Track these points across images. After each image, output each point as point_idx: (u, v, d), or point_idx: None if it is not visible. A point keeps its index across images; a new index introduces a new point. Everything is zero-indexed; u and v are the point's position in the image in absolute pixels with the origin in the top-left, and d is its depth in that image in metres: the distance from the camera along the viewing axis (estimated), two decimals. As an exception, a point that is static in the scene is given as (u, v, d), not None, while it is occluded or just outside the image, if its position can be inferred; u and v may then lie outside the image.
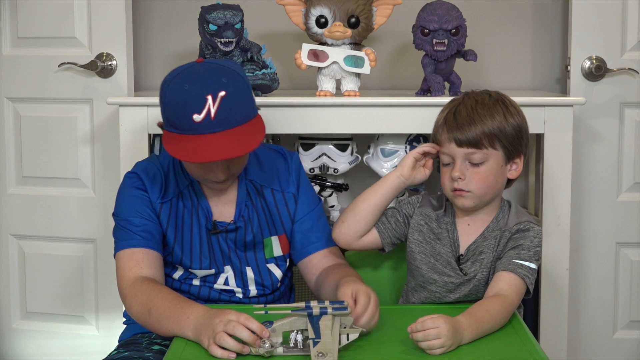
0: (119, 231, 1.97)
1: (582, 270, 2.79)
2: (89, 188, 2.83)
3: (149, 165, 2.00)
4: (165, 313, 1.77)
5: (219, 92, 1.78)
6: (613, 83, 2.71)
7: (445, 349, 1.62)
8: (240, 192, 2.00)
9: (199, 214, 1.97)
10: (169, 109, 1.83)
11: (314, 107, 2.37)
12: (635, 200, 2.75)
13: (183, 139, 1.80)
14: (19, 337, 2.94)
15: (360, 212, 1.95)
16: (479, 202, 1.87)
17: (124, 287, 1.90)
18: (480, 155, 1.84)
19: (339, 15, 2.34)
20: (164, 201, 1.96)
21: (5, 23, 2.82)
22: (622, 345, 2.80)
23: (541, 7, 2.87)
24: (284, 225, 2.03)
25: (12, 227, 2.91)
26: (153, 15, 2.91)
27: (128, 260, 1.91)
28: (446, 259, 1.91)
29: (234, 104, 1.81)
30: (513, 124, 1.86)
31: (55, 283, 2.90)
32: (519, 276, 1.81)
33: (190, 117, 1.78)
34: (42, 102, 2.82)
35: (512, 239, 1.87)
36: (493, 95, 1.90)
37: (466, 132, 1.83)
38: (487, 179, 1.85)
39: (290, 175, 2.04)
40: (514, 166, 1.90)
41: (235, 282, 2.01)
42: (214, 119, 1.78)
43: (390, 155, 2.51)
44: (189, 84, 1.80)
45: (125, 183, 1.99)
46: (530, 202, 2.85)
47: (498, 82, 2.89)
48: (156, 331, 1.81)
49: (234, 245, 1.99)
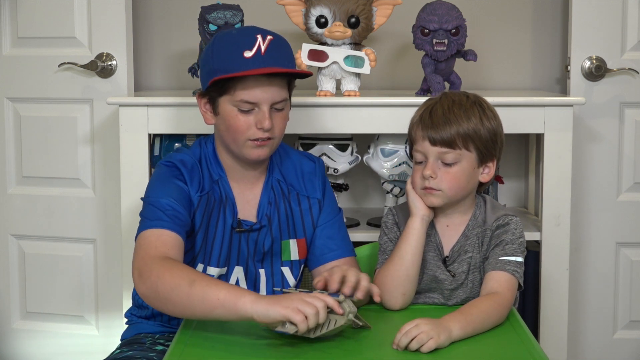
0: (150, 211, 1.85)
1: (582, 270, 2.79)
2: (89, 188, 2.83)
3: (185, 157, 1.94)
4: (216, 284, 1.67)
5: (267, 35, 1.87)
6: (613, 83, 2.72)
7: (435, 339, 1.61)
8: (264, 190, 1.98)
9: (226, 210, 1.94)
10: (220, 52, 1.86)
11: (314, 107, 2.37)
12: (635, 200, 2.75)
13: (235, 74, 1.84)
14: (19, 337, 2.94)
15: (413, 275, 1.88)
16: (448, 202, 1.88)
17: (147, 263, 1.75)
18: (453, 155, 1.84)
19: (339, 15, 2.34)
20: (202, 194, 1.92)
21: (5, 23, 2.82)
22: (622, 345, 2.80)
23: (541, 7, 2.87)
24: (306, 230, 2.01)
25: (12, 227, 2.91)
26: (153, 15, 2.91)
27: (156, 240, 1.80)
28: (434, 263, 1.91)
29: (282, 46, 1.88)
30: (488, 127, 1.86)
31: (55, 283, 2.89)
32: (508, 272, 1.82)
33: (241, 53, 1.83)
34: (42, 102, 2.82)
35: (494, 237, 1.87)
36: (470, 97, 1.90)
37: (441, 131, 1.83)
38: (458, 180, 1.85)
39: (317, 180, 2.03)
40: (486, 170, 1.89)
41: (247, 285, 1.97)
42: (265, 55, 1.84)
43: (390, 155, 2.51)
44: (237, 30, 1.90)
45: (163, 171, 1.92)
46: (530, 202, 2.85)
47: (498, 82, 2.89)
48: (189, 305, 1.67)
49: (254, 249, 1.96)
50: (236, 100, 1.86)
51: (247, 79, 1.84)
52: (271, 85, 1.86)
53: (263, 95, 1.86)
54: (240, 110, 1.87)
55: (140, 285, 1.74)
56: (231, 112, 1.87)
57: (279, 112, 1.89)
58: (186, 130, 2.40)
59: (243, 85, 1.84)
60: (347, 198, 2.90)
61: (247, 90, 1.85)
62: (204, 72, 1.90)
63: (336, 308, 1.62)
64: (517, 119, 2.37)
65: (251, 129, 1.87)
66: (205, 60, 1.90)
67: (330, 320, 1.63)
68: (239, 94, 1.85)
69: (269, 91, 1.86)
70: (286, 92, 1.91)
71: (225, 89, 1.86)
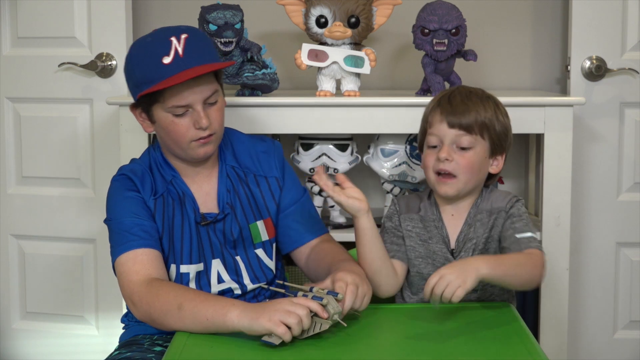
0: (116, 235, 1.89)
1: (582, 270, 2.79)
2: (89, 188, 2.83)
3: (134, 166, 1.98)
4: (202, 303, 1.72)
5: (180, 35, 1.85)
6: (613, 83, 2.71)
7: (463, 286, 1.63)
8: (220, 179, 1.99)
9: (187, 207, 1.95)
10: (138, 65, 1.85)
11: (314, 107, 2.38)
12: (635, 200, 2.75)
13: (160, 86, 1.82)
14: (19, 337, 2.94)
15: (382, 266, 1.90)
16: (462, 190, 1.90)
17: (134, 291, 1.81)
18: (469, 139, 1.88)
19: (339, 15, 2.34)
20: (157, 197, 1.94)
21: (5, 23, 2.82)
22: (622, 345, 2.80)
23: (541, 7, 2.87)
24: (269, 209, 2.02)
25: (12, 227, 2.91)
26: (153, 15, 2.91)
27: (133, 264, 1.84)
28: (442, 255, 1.92)
29: (199, 42, 1.87)
30: (502, 122, 1.93)
31: (55, 283, 2.90)
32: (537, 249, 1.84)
33: (159, 61, 1.82)
34: (42, 102, 2.82)
35: (510, 215, 1.89)
36: (486, 93, 1.97)
37: (459, 115, 1.88)
38: (472, 165, 1.88)
39: (271, 158, 2.04)
40: (495, 162, 1.94)
41: (229, 276, 1.99)
42: (183, 56, 1.83)
43: (390, 155, 2.51)
44: (151, 36, 1.88)
45: (115, 186, 1.95)
46: (530, 202, 2.85)
47: (498, 82, 2.89)
48: (183, 326, 1.74)
49: (223, 239, 1.97)
50: (168, 107, 1.86)
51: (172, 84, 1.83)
52: (199, 84, 1.86)
53: (193, 96, 1.86)
54: (175, 115, 1.87)
55: (135, 312, 1.83)
56: (166, 118, 1.88)
57: (213, 106, 1.90)
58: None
59: (171, 92, 1.85)
60: (347, 198, 2.89)
61: (176, 96, 1.85)
62: (130, 84, 1.91)
63: (320, 312, 1.65)
64: (517, 119, 2.35)
65: (190, 131, 1.88)
66: (128, 72, 1.90)
67: (316, 323, 1.66)
68: (169, 101, 1.86)
69: (198, 90, 1.86)
70: (215, 83, 1.91)
71: (155, 98, 1.87)
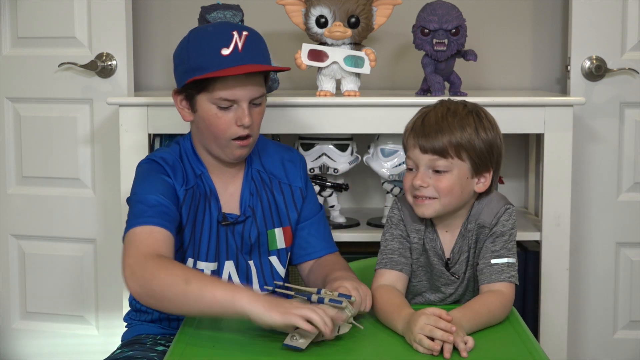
0: (137, 209, 1.82)
1: (582, 270, 2.79)
2: (89, 188, 2.83)
3: (165, 154, 1.94)
4: (212, 282, 1.68)
5: (242, 31, 1.86)
6: (613, 83, 2.72)
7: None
8: (245, 181, 1.99)
9: (211, 204, 1.95)
10: (195, 50, 1.85)
11: (314, 107, 2.38)
12: (635, 200, 2.75)
13: (214, 74, 1.82)
14: (19, 337, 2.94)
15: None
16: (441, 211, 1.83)
17: (139, 261, 1.72)
18: (445, 163, 1.80)
19: (339, 15, 2.34)
20: (187, 188, 1.92)
21: (5, 23, 2.82)
22: (622, 345, 2.80)
23: (541, 7, 2.87)
24: (290, 217, 2.01)
25: (12, 227, 2.91)
26: (153, 15, 2.92)
27: (147, 237, 1.77)
28: (439, 268, 1.90)
29: (259, 43, 1.89)
30: (484, 138, 1.81)
31: (55, 283, 2.90)
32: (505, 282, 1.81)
33: (218, 51, 1.82)
34: (42, 102, 2.82)
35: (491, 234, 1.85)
36: (468, 106, 1.85)
37: (432, 139, 1.79)
38: (451, 188, 1.81)
39: (297, 169, 2.04)
40: (482, 179, 1.85)
41: (239, 280, 1.98)
42: (242, 51, 1.83)
43: (390, 155, 2.51)
44: (212, 27, 1.89)
45: (145, 168, 1.91)
46: (530, 202, 2.85)
47: (498, 82, 2.89)
48: (185, 302, 1.67)
49: (241, 242, 1.97)
50: (215, 98, 1.86)
51: (226, 77, 1.83)
52: (250, 82, 1.86)
53: (242, 92, 1.86)
54: (219, 107, 1.87)
55: (131, 283, 1.72)
56: (210, 110, 1.87)
57: (257, 108, 1.90)
58: (186, 130, 2.39)
59: (222, 84, 1.84)
60: (347, 198, 2.90)
61: (226, 89, 1.85)
62: (180, 69, 1.89)
63: (338, 320, 1.64)
64: (517, 119, 2.37)
65: (231, 127, 1.88)
66: (181, 57, 1.89)
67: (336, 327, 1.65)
68: (218, 92, 1.85)
69: (248, 88, 1.86)
70: (263, 87, 1.91)
71: (204, 87, 1.86)
